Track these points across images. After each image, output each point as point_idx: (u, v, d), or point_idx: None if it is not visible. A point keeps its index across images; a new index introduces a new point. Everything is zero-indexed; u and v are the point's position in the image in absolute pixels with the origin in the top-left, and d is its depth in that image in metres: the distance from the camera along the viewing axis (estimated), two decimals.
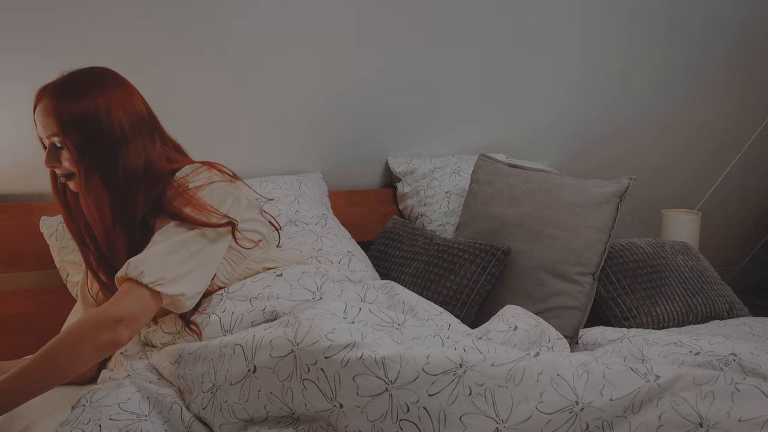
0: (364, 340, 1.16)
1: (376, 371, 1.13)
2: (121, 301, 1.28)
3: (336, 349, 1.14)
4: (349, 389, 1.13)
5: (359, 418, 1.13)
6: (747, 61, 2.83)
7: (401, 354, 1.14)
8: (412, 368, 1.13)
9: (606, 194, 1.86)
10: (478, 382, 1.11)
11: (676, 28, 2.59)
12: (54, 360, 1.23)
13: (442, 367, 1.12)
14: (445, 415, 1.09)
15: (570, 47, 2.45)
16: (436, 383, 1.11)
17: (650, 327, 1.84)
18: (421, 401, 1.11)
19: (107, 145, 1.37)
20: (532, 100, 2.51)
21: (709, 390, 1.09)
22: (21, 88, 1.62)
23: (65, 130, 1.36)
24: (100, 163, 1.37)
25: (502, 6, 2.23)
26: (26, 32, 1.65)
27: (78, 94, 1.37)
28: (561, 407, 1.08)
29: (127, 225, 1.39)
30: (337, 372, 1.14)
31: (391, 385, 1.12)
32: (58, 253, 1.74)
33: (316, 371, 1.15)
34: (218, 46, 1.89)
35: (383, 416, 1.12)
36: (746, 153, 3.14)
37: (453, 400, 1.10)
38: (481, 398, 1.10)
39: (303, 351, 1.16)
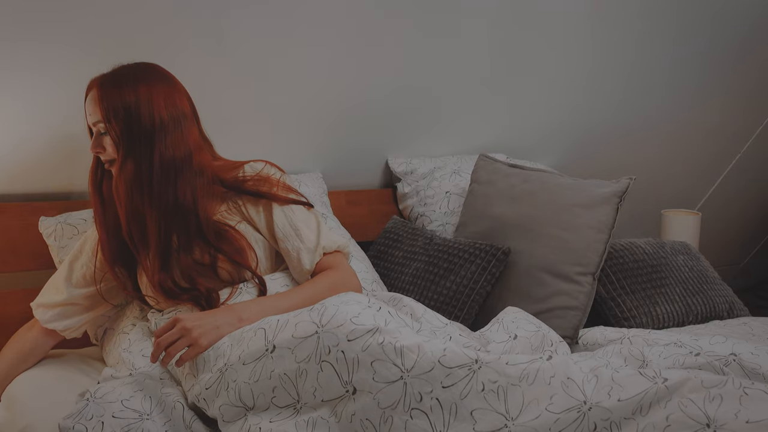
0: (387, 327, 1.21)
1: (394, 358, 1.16)
2: (345, 264, 1.57)
3: (359, 332, 1.19)
4: (365, 373, 1.16)
5: (369, 405, 1.15)
6: (746, 61, 2.83)
7: (420, 344, 1.17)
8: (429, 359, 1.15)
9: (606, 194, 1.85)
10: (492, 378, 1.13)
11: (677, 30, 2.59)
12: (333, 290, 1.46)
13: (458, 361, 1.15)
14: (456, 408, 1.12)
15: (570, 47, 2.45)
16: (450, 376, 1.14)
17: (650, 327, 1.84)
18: (435, 392, 1.13)
19: (146, 133, 1.46)
20: (533, 100, 2.51)
21: (717, 393, 1.10)
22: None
23: (108, 117, 1.46)
24: (138, 149, 1.46)
25: (503, 7, 2.23)
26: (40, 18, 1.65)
27: (123, 85, 1.47)
28: (569, 407, 1.09)
29: (159, 211, 1.46)
30: (357, 355, 1.17)
31: (407, 374, 1.15)
32: (58, 253, 1.74)
33: (336, 353, 1.19)
34: (217, 46, 1.89)
35: (395, 404, 1.14)
36: (746, 153, 3.14)
37: (466, 394, 1.12)
38: (494, 395, 1.12)
39: (327, 333, 1.20)
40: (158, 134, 1.46)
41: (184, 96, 1.54)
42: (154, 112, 1.46)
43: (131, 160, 1.46)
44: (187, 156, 1.49)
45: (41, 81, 1.72)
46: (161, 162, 1.46)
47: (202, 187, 1.50)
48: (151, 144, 1.46)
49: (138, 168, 1.46)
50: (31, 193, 1.87)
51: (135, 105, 1.45)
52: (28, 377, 1.56)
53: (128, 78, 1.48)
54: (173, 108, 1.49)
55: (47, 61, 1.70)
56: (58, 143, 1.82)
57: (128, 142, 1.46)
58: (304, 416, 1.20)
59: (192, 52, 1.86)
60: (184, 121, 1.50)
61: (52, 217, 1.79)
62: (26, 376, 1.56)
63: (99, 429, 1.22)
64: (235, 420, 1.25)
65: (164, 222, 1.47)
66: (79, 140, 1.74)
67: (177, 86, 1.54)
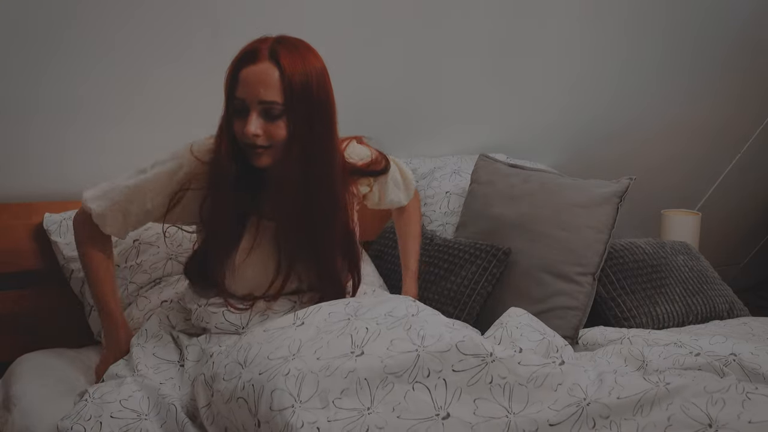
0: (418, 314, 1.29)
1: (414, 339, 1.19)
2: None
3: (391, 320, 1.28)
4: (384, 340, 1.20)
5: (373, 366, 1.16)
6: (746, 60, 2.82)
7: (442, 333, 1.22)
8: (447, 341, 1.19)
9: (606, 194, 1.85)
10: (501, 374, 1.16)
11: (675, 27, 2.59)
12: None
13: (473, 350, 1.18)
14: (460, 393, 1.15)
15: (569, 47, 2.45)
16: (463, 362, 1.17)
17: (650, 327, 1.84)
18: (444, 372, 1.16)
19: (326, 114, 1.36)
20: (532, 100, 2.51)
21: (720, 397, 1.12)
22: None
23: (290, 98, 1.30)
24: (315, 133, 1.34)
25: (502, 6, 2.23)
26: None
27: (301, 59, 1.32)
28: (569, 403, 1.13)
29: (330, 200, 1.39)
30: (380, 330, 1.23)
31: (423, 349, 1.18)
32: (63, 250, 1.74)
33: (357, 322, 1.27)
34: (217, 45, 1.89)
35: (401, 372, 1.16)
36: (746, 153, 3.13)
37: (474, 383, 1.15)
38: (499, 389, 1.15)
39: (359, 320, 1.29)
40: (333, 120, 1.37)
41: None
42: (329, 94, 1.36)
43: (302, 145, 1.33)
44: (336, 144, 1.41)
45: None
46: (332, 162, 1.38)
47: (345, 181, 1.46)
48: (330, 129, 1.37)
49: (309, 153, 1.34)
50: (32, 192, 1.87)
51: (316, 86, 1.32)
52: (27, 377, 1.56)
53: (303, 54, 1.33)
54: (331, 89, 1.38)
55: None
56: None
57: (306, 126, 1.32)
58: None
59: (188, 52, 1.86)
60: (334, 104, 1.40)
61: (58, 213, 1.79)
62: (26, 377, 1.56)
63: (97, 429, 1.23)
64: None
65: (319, 218, 1.38)
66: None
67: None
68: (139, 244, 1.74)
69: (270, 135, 1.31)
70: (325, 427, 1.08)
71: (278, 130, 1.31)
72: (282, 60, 1.29)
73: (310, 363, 1.17)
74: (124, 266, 1.72)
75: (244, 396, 1.17)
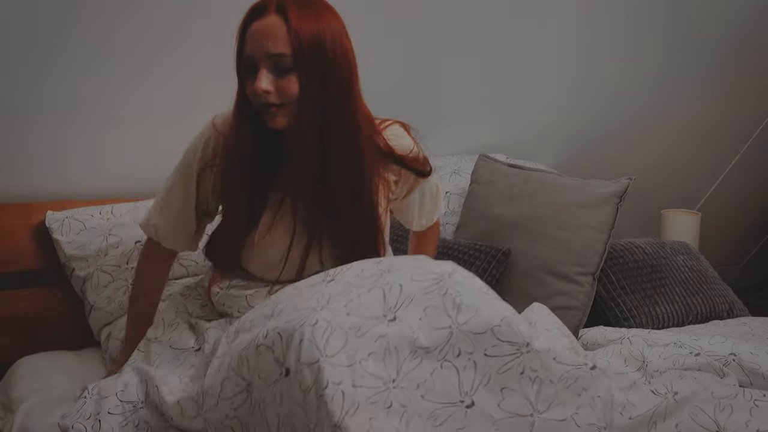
0: (454, 275, 1.17)
1: (450, 309, 1.12)
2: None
3: (429, 278, 1.18)
4: (418, 307, 1.12)
5: (406, 336, 1.09)
6: (746, 60, 2.82)
7: (479, 305, 1.13)
8: (483, 322, 1.10)
9: (606, 194, 1.86)
10: (533, 367, 1.10)
11: (674, 27, 2.59)
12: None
13: (510, 336, 1.11)
14: (489, 379, 1.08)
15: (569, 47, 2.45)
16: (497, 347, 1.10)
17: (650, 327, 1.84)
18: (475, 355, 1.09)
19: (341, 71, 1.26)
20: (532, 100, 2.51)
21: (727, 403, 1.12)
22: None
23: (299, 49, 1.21)
24: (329, 90, 1.25)
25: (502, 6, 2.23)
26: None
27: (314, 14, 1.24)
28: (590, 421, 1.10)
29: (352, 171, 1.29)
30: (415, 295, 1.13)
31: (456, 326, 1.10)
32: (64, 249, 1.74)
33: (389, 279, 1.16)
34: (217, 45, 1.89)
35: (433, 348, 1.09)
36: (746, 153, 3.14)
37: (504, 371, 1.09)
38: (529, 382, 1.10)
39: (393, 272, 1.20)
40: (353, 75, 1.28)
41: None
42: (347, 50, 1.27)
43: (316, 104, 1.24)
44: (359, 109, 1.31)
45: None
46: (353, 119, 1.28)
47: (375, 159, 1.34)
48: (348, 85, 1.27)
49: (329, 124, 1.25)
50: (32, 192, 1.87)
51: (331, 39, 1.24)
52: (28, 380, 1.56)
53: (316, 8, 1.25)
54: (352, 48, 1.29)
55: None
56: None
57: (323, 81, 1.23)
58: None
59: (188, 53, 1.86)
60: (356, 66, 1.31)
61: (60, 212, 1.79)
62: (27, 379, 1.56)
63: (97, 428, 1.21)
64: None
65: (338, 199, 1.30)
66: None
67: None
68: (141, 245, 1.74)
69: (281, 91, 1.23)
70: (350, 393, 1.01)
71: (289, 84, 1.23)
72: (289, 12, 1.22)
73: (339, 317, 1.09)
74: (125, 267, 1.72)
75: (268, 344, 1.09)
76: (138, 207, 1.83)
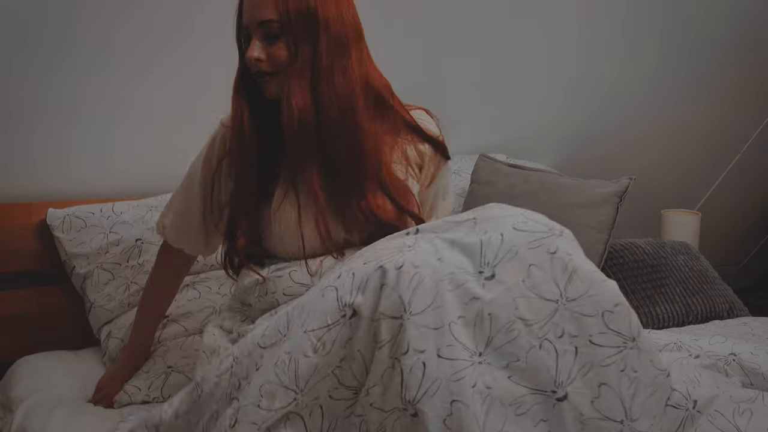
0: (564, 234, 1.06)
1: (558, 276, 0.99)
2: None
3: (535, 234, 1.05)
4: (521, 264, 1.00)
5: (503, 302, 0.98)
6: (744, 59, 2.82)
7: (594, 278, 1.00)
8: (596, 304, 0.98)
9: (606, 194, 1.86)
10: (634, 367, 0.99)
11: (674, 26, 2.59)
12: None
13: (620, 327, 0.99)
14: (589, 370, 0.96)
15: (570, 46, 2.45)
16: (604, 336, 0.98)
17: (650, 327, 1.84)
18: (578, 341, 0.97)
19: (335, 39, 1.20)
20: (532, 100, 2.51)
21: (746, 408, 1.09)
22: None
23: (286, 14, 1.18)
24: (321, 58, 1.20)
25: (502, 6, 2.23)
26: None
27: None
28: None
29: (332, 148, 1.22)
30: (519, 249, 1.01)
31: (564, 302, 0.98)
32: (65, 246, 1.74)
33: (492, 234, 1.04)
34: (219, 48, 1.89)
35: (534, 322, 0.96)
36: (746, 153, 3.14)
37: (607, 364, 0.97)
38: (627, 382, 0.98)
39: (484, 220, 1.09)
40: (345, 46, 1.21)
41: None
42: (344, 18, 1.22)
43: (309, 74, 1.20)
44: (372, 78, 1.26)
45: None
46: (347, 82, 1.21)
47: (387, 119, 1.29)
48: (339, 54, 1.21)
49: (311, 84, 1.20)
50: (32, 192, 1.87)
51: (322, 4, 1.19)
52: (28, 379, 1.56)
53: None
54: (354, 19, 1.25)
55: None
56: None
57: (312, 48, 1.19)
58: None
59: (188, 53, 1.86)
60: (361, 37, 1.27)
61: (61, 209, 1.79)
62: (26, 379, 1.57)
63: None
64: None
65: (338, 163, 1.23)
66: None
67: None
68: (141, 243, 1.74)
69: (272, 58, 1.21)
70: (432, 367, 0.90)
71: (278, 51, 1.20)
72: None
73: (430, 262, 0.97)
74: (125, 265, 1.72)
75: (336, 285, 0.99)
76: (139, 205, 1.83)
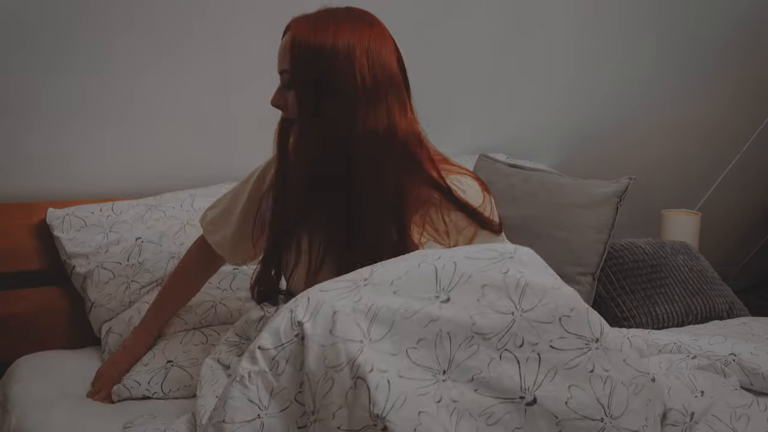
0: (516, 254, 1.07)
1: (512, 292, 1.01)
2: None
3: (486, 262, 1.08)
4: (474, 287, 1.01)
5: (461, 321, 0.99)
6: (744, 59, 2.82)
7: (546, 288, 1.02)
8: (550, 311, 0.99)
9: (606, 194, 1.86)
10: (605, 367, 0.99)
11: (672, 26, 2.59)
12: None
13: (578, 329, 0.99)
14: (555, 373, 0.96)
15: (570, 46, 2.45)
16: (564, 340, 0.98)
17: (650, 327, 1.84)
18: (539, 347, 0.97)
19: (339, 94, 1.17)
20: (532, 100, 2.51)
21: (743, 413, 1.10)
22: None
23: (295, 66, 1.19)
24: (325, 113, 1.18)
25: (502, 6, 2.23)
26: None
27: (321, 27, 1.19)
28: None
29: (346, 198, 1.20)
30: (472, 274, 1.03)
31: (520, 313, 0.99)
32: (65, 246, 1.74)
33: (446, 262, 1.06)
34: (218, 49, 1.89)
35: (492, 335, 0.97)
36: (746, 153, 3.14)
37: (572, 366, 0.97)
38: (600, 382, 0.97)
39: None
40: (355, 98, 1.17)
41: (394, 54, 1.24)
42: (354, 67, 1.17)
43: (315, 125, 1.19)
44: (390, 137, 1.20)
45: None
46: (354, 138, 1.17)
47: (409, 178, 1.23)
48: (345, 109, 1.17)
49: (320, 139, 1.19)
50: (32, 192, 1.87)
51: (331, 53, 1.16)
52: (26, 379, 1.56)
53: (327, 21, 1.20)
54: (380, 67, 1.20)
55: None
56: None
57: (315, 100, 1.18)
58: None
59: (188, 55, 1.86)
60: (390, 87, 1.21)
61: (61, 209, 1.79)
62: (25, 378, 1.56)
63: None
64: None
65: (349, 213, 1.21)
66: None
67: (386, 37, 1.24)
68: (141, 242, 1.74)
69: (289, 106, 1.23)
70: (395, 383, 0.91)
71: (290, 100, 1.22)
72: (293, 27, 1.22)
73: (385, 296, 0.99)
74: (126, 264, 1.72)
75: (292, 307, 1.00)
76: (139, 204, 1.83)
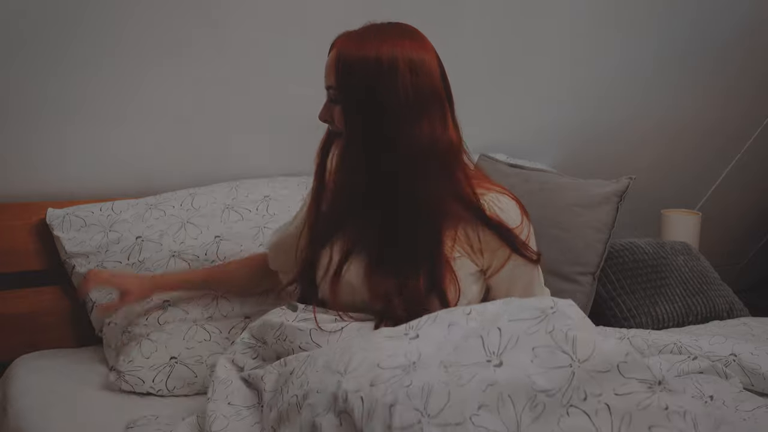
0: (554, 302, 1.05)
1: (564, 345, 0.97)
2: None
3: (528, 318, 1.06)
4: (525, 348, 0.99)
5: (520, 382, 0.95)
6: (745, 59, 2.82)
7: (595, 339, 0.98)
8: (606, 359, 0.96)
9: (606, 194, 1.86)
10: (679, 403, 0.95)
11: (672, 24, 2.59)
12: None
13: (637, 373, 0.96)
14: (631, 419, 0.92)
15: (569, 46, 2.45)
16: (626, 386, 0.95)
17: (650, 327, 1.85)
18: (605, 396, 0.94)
19: (384, 107, 1.20)
20: (532, 100, 2.51)
21: (750, 416, 1.11)
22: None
23: (339, 81, 1.23)
24: (369, 129, 1.22)
25: (503, 6, 2.23)
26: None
27: (364, 42, 1.23)
28: None
29: (385, 212, 1.24)
30: (519, 336, 1.01)
31: (578, 364, 0.95)
32: (65, 245, 1.74)
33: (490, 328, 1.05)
34: (218, 47, 1.89)
35: (555, 391, 0.94)
36: (746, 153, 3.14)
37: (645, 406, 0.93)
38: (680, 419, 0.93)
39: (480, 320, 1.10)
40: (399, 112, 1.20)
41: (437, 70, 1.27)
42: (397, 82, 1.20)
43: (359, 139, 1.22)
44: (431, 151, 1.23)
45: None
46: (397, 151, 1.21)
47: (445, 193, 1.24)
48: (389, 126, 1.20)
49: (365, 152, 1.22)
50: (32, 192, 1.87)
51: (374, 72, 1.20)
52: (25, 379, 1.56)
53: (371, 36, 1.24)
54: (423, 81, 1.23)
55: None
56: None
57: (360, 114, 1.22)
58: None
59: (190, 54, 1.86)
60: (433, 101, 1.25)
61: (60, 209, 1.79)
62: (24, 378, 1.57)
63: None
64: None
65: (386, 229, 1.24)
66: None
67: (429, 51, 1.27)
68: (142, 241, 1.74)
69: (335, 120, 1.27)
70: None
71: (337, 114, 1.26)
72: (338, 43, 1.27)
73: (436, 373, 0.97)
74: (126, 263, 1.72)
75: (347, 409, 0.97)
76: (138, 204, 1.83)
